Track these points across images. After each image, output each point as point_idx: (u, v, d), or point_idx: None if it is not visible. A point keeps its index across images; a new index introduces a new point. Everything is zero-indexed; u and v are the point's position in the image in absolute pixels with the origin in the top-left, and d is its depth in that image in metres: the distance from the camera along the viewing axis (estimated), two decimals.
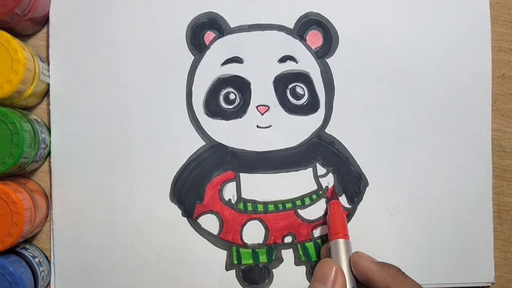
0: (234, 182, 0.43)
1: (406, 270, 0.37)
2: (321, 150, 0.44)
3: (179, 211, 0.43)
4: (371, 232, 0.44)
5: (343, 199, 0.44)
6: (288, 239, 0.43)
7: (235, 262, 0.43)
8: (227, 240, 0.43)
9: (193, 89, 0.43)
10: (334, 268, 0.36)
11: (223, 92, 0.43)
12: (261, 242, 0.43)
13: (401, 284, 0.36)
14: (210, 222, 0.43)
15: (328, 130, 0.44)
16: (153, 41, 0.43)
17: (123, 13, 0.43)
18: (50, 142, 0.42)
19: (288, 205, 0.43)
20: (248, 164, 0.43)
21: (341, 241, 0.39)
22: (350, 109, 0.44)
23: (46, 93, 0.43)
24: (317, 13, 0.44)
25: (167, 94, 0.43)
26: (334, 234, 0.40)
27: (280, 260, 0.43)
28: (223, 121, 0.43)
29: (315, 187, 0.43)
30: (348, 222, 0.43)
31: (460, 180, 0.44)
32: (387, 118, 0.44)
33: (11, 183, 0.39)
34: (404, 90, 0.44)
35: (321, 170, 0.44)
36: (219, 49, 0.43)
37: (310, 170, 0.44)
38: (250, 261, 0.43)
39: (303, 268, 0.43)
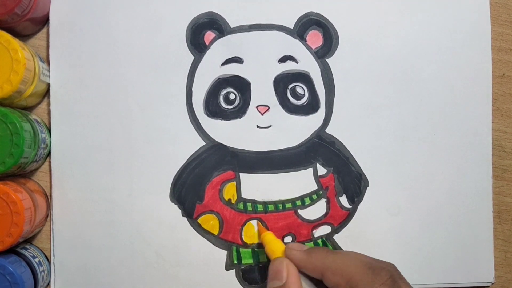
0: (234, 182, 0.43)
1: (406, 270, 0.36)
2: (322, 150, 0.44)
3: (179, 211, 0.43)
4: (371, 232, 0.44)
5: (343, 199, 0.44)
6: (288, 239, 0.43)
7: (235, 262, 0.43)
8: (227, 240, 0.43)
9: (193, 89, 0.43)
10: (285, 262, 0.37)
11: (223, 92, 0.43)
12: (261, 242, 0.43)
13: (331, 264, 0.35)
14: (210, 222, 0.43)
15: (329, 130, 0.44)
16: (153, 41, 0.43)
17: (123, 13, 0.43)
18: (50, 142, 0.42)
19: (288, 205, 0.43)
20: (248, 164, 0.43)
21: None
22: (350, 109, 0.44)
23: (46, 93, 0.43)
24: (317, 13, 0.44)
25: (167, 94, 0.43)
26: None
27: None
28: (223, 121, 0.43)
29: (315, 187, 0.44)
30: (348, 222, 0.44)
31: (460, 180, 0.44)
32: (387, 118, 0.44)
33: (11, 183, 0.39)
34: (404, 90, 0.44)
35: (321, 170, 0.44)
36: (219, 49, 0.43)
37: (310, 170, 0.44)
38: (250, 261, 0.43)
39: None
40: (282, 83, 0.43)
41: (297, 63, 0.44)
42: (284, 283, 0.36)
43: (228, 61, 0.43)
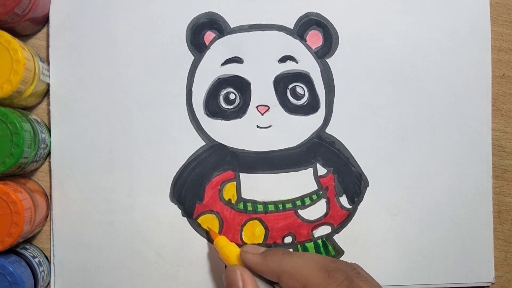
0: (234, 182, 0.43)
1: (406, 270, 0.37)
2: (322, 150, 0.44)
3: (179, 211, 0.43)
4: (371, 232, 0.44)
5: (343, 199, 0.44)
6: (288, 240, 0.43)
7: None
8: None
9: (193, 89, 0.43)
10: (238, 271, 0.36)
11: (223, 92, 0.43)
12: (261, 242, 0.43)
13: (287, 268, 0.34)
14: (210, 222, 0.43)
15: (329, 130, 0.44)
16: (153, 41, 0.43)
17: (123, 13, 0.43)
18: (50, 142, 0.42)
19: (288, 205, 0.43)
20: (248, 164, 0.43)
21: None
22: (350, 109, 0.44)
23: (46, 93, 0.43)
24: (317, 13, 0.44)
25: (167, 94, 0.43)
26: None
27: None
28: (223, 121, 0.43)
29: (315, 187, 0.43)
30: (348, 222, 0.44)
31: (460, 180, 0.44)
32: (387, 118, 0.44)
33: (11, 183, 0.39)
34: (404, 90, 0.44)
35: (321, 170, 0.44)
36: (219, 49, 0.43)
37: (310, 170, 0.44)
38: None
39: None
40: (282, 83, 0.43)
41: (297, 63, 0.44)
42: None
43: (228, 61, 0.43)
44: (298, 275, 0.34)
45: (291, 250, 0.43)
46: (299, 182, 0.43)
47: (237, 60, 0.43)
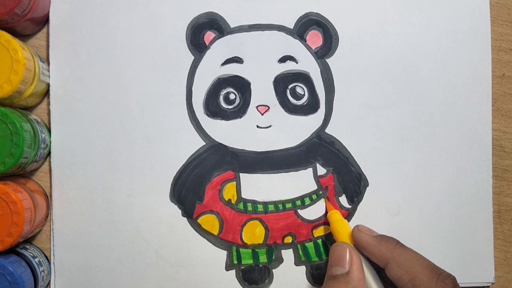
0: (234, 182, 0.43)
1: None
2: (321, 150, 0.44)
3: (179, 211, 0.43)
4: None
5: (343, 199, 0.44)
6: (288, 239, 0.43)
7: (235, 262, 0.43)
8: (227, 240, 0.43)
9: (193, 89, 0.43)
10: (348, 249, 0.37)
11: (223, 92, 0.43)
12: (261, 242, 0.43)
13: (399, 257, 0.36)
14: (210, 222, 0.43)
15: (328, 130, 0.44)
16: (153, 41, 0.43)
17: (123, 13, 0.43)
18: (50, 142, 0.42)
19: (288, 205, 0.43)
20: (248, 164, 0.43)
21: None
22: (350, 109, 0.44)
23: (46, 93, 0.43)
24: (317, 13, 0.44)
25: (167, 94, 0.43)
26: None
27: (280, 260, 0.43)
28: (223, 121, 0.43)
29: (315, 187, 0.44)
30: (348, 222, 0.43)
31: (460, 180, 0.44)
32: (387, 118, 0.44)
33: (11, 183, 0.39)
34: (404, 90, 0.44)
35: (321, 170, 0.44)
36: (219, 49, 0.43)
37: (310, 170, 0.44)
38: (250, 261, 0.43)
39: (303, 268, 0.43)
40: (282, 83, 0.43)
41: (297, 63, 0.44)
42: (347, 271, 0.36)
43: (228, 61, 0.43)
44: (408, 266, 0.35)
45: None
46: (299, 182, 0.43)
47: (237, 60, 0.43)
